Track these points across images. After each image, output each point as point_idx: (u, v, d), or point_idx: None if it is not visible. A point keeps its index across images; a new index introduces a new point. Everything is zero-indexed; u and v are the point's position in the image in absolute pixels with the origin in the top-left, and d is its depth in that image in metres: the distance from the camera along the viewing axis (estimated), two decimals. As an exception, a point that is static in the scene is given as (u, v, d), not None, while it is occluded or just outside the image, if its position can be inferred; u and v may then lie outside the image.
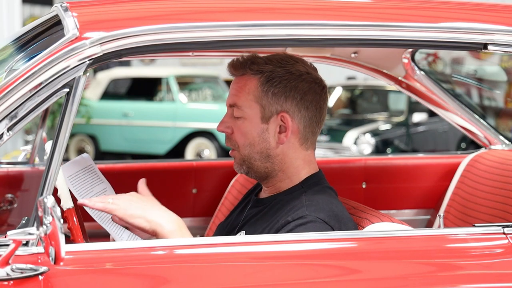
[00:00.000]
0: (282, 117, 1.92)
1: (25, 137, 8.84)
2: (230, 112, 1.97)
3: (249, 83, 1.93)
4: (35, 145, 2.71)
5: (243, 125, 1.94)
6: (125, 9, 1.80)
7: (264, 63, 1.94)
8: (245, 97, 1.93)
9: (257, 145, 1.93)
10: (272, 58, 1.95)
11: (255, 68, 1.93)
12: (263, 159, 1.94)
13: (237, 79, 1.98)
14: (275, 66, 1.93)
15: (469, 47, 1.90)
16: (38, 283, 1.54)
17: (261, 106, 1.92)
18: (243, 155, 1.95)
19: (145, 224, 1.78)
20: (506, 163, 2.50)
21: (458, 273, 1.76)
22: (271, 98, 1.92)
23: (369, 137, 8.70)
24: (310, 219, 1.82)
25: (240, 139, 1.94)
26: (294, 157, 1.95)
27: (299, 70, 1.94)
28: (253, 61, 1.95)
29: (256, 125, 1.93)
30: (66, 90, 1.65)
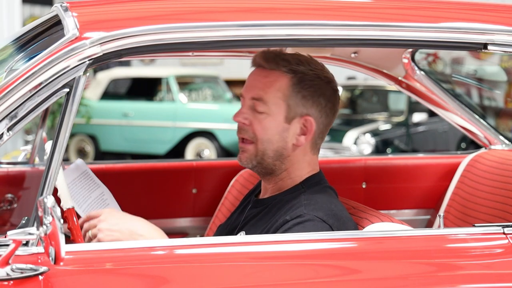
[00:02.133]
0: (305, 120, 1.93)
1: (25, 137, 8.84)
2: (251, 104, 1.94)
3: (280, 80, 1.92)
4: (35, 145, 2.70)
5: (265, 121, 1.92)
6: (125, 9, 1.80)
7: (296, 63, 1.93)
8: (274, 94, 1.92)
9: (274, 143, 1.93)
10: (302, 60, 1.95)
11: (288, 67, 1.92)
12: (275, 157, 1.94)
13: (264, 73, 1.95)
14: (307, 68, 1.93)
15: (469, 47, 1.90)
16: (38, 283, 1.54)
17: (288, 105, 1.92)
18: (258, 149, 1.94)
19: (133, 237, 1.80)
20: (506, 163, 2.50)
21: (458, 273, 1.76)
22: (300, 99, 1.92)
23: (369, 137, 8.70)
24: (308, 218, 1.82)
25: (259, 132, 1.93)
26: (302, 159, 1.96)
27: (327, 76, 1.96)
28: (284, 58, 1.94)
29: (278, 123, 1.92)
30: (66, 90, 1.65)
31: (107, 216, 1.81)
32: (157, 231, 1.81)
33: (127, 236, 1.78)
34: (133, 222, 1.81)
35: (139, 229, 1.79)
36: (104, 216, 1.81)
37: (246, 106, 1.95)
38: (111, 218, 1.81)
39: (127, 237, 1.78)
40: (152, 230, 1.80)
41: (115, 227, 1.79)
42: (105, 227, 1.79)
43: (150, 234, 1.79)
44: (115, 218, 1.81)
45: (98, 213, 1.84)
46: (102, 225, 1.80)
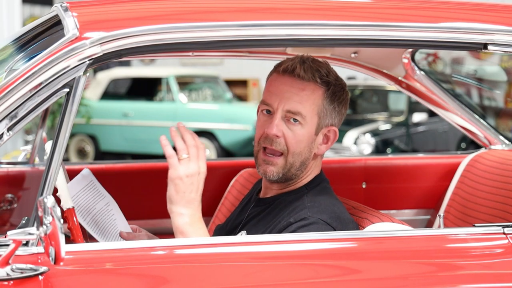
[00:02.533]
0: (329, 130, 1.94)
1: (25, 137, 8.83)
2: (283, 115, 1.91)
3: (316, 93, 1.91)
4: (35, 145, 2.70)
5: (300, 133, 1.91)
6: (125, 9, 1.80)
7: (326, 74, 1.92)
8: (311, 107, 1.91)
9: (303, 154, 1.92)
10: (326, 69, 1.94)
11: (322, 79, 1.91)
12: (300, 167, 1.93)
13: (301, 85, 1.91)
14: (333, 79, 1.94)
15: (469, 47, 1.90)
16: (38, 283, 1.54)
17: (319, 118, 1.92)
18: (288, 162, 1.92)
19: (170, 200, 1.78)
20: (506, 163, 2.50)
21: (458, 273, 1.76)
22: (330, 112, 1.93)
23: (369, 137, 8.70)
24: (313, 221, 1.83)
25: (292, 145, 1.91)
26: (314, 165, 1.97)
27: (343, 84, 1.96)
28: (318, 69, 1.92)
29: (309, 136, 1.92)
30: (66, 90, 1.65)
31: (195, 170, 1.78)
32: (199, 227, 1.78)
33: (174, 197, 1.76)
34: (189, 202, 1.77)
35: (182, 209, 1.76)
36: (193, 166, 1.78)
37: (278, 117, 1.91)
38: (194, 176, 1.77)
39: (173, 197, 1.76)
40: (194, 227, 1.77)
41: (180, 183, 1.77)
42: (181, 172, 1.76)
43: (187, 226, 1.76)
44: (192, 180, 1.77)
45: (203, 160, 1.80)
46: (181, 169, 1.77)
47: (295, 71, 1.91)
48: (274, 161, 1.92)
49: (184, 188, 1.77)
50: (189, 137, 1.80)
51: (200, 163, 1.79)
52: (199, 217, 1.79)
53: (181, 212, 1.77)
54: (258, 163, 1.95)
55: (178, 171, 1.77)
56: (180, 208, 1.77)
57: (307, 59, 1.94)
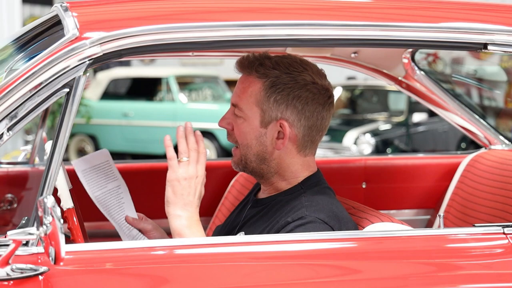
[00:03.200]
0: (281, 124, 1.91)
1: (25, 137, 8.84)
2: (232, 109, 1.97)
3: (253, 85, 1.92)
4: (35, 145, 2.70)
5: (242, 126, 1.94)
6: (125, 9, 1.80)
7: (272, 67, 1.91)
8: (247, 99, 1.93)
9: (254, 147, 1.94)
10: (280, 63, 1.92)
11: (261, 71, 1.91)
12: (258, 161, 1.95)
13: (242, 78, 1.97)
14: (282, 72, 1.91)
15: (469, 47, 1.90)
16: (38, 283, 1.54)
17: (262, 110, 1.91)
18: (241, 154, 1.97)
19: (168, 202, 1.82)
20: (506, 163, 2.50)
21: (458, 273, 1.76)
22: (272, 104, 1.91)
23: (369, 137, 8.70)
24: (310, 220, 1.82)
25: (239, 137, 1.96)
26: (291, 162, 1.95)
27: (305, 79, 1.92)
28: (261, 62, 1.93)
29: (254, 128, 1.93)
30: (66, 90, 1.65)
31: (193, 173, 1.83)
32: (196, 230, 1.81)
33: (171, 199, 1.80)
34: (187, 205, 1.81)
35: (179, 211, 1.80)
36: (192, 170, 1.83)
37: (229, 111, 1.98)
38: (192, 180, 1.83)
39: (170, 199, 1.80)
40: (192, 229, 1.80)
41: (178, 185, 1.81)
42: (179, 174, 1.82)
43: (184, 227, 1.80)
44: (190, 183, 1.82)
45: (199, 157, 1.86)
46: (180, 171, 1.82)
47: (237, 69, 1.97)
48: (234, 152, 2.00)
49: (182, 191, 1.81)
50: (192, 140, 1.85)
51: (199, 167, 1.85)
52: (196, 220, 1.82)
53: (178, 214, 1.80)
54: None
55: (176, 173, 1.82)
56: (177, 210, 1.80)
57: (255, 55, 1.95)
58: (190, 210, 1.81)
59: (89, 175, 1.95)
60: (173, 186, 1.81)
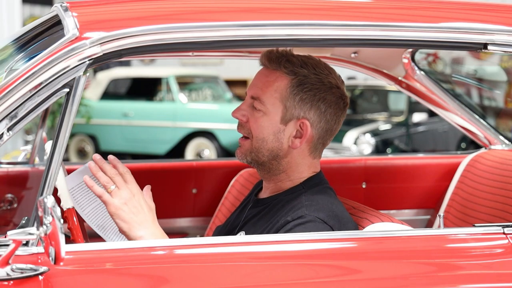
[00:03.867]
0: (302, 123, 1.92)
1: (25, 137, 8.84)
2: (250, 102, 1.95)
3: (279, 81, 1.92)
4: (35, 145, 2.70)
5: (261, 119, 1.93)
6: (125, 9, 1.80)
7: (300, 66, 1.92)
8: (271, 94, 1.92)
9: (269, 143, 1.93)
10: (307, 62, 1.94)
11: (290, 68, 1.92)
12: (270, 157, 1.94)
13: (266, 72, 1.95)
14: (310, 71, 1.92)
15: (469, 47, 1.90)
16: (38, 283, 1.54)
17: (285, 107, 1.92)
18: (253, 146, 1.94)
19: (125, 231, 1.78)
20: (506, 163, 2.50)
21: (458, 273, 1.76)
22: (297, 102, 1.91)
23: (369, 137, 8.70)
24: (310, 219, 1.82)
25: (254, 130, 1.93)
26: (300, 163, 1.96)
27: (331, 82, 1.94)
28: (288, 59, 1.93)
29: (274, 124, 1.92)
30: (66, 90, 1.65)
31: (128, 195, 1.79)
32: None
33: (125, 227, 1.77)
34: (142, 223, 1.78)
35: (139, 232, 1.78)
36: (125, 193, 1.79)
37: (246, 103, 1.96)
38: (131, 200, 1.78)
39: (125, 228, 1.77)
40: None
41: (122, 212, 1.77)
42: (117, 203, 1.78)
43: None
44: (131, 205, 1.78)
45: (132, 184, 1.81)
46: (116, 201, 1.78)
47: (262, 61, 1.96)
48: (242, 143, 1.97)
49: (129, 215, 1.78)
50: (108, 167, 1.82)
51: (130, 186, 1.81)
52: (159, 232, 1.80)
53: (140, 235, 1.78)
54: None
55: (114, 205, 1.78)
56: (137, 233, 1.78)
57: (282, 50, 1.95)
58: (147, 226, 1.79)
59: (77, 193, 1.93)
60: (119, 215, 1.77)
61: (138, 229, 1.78)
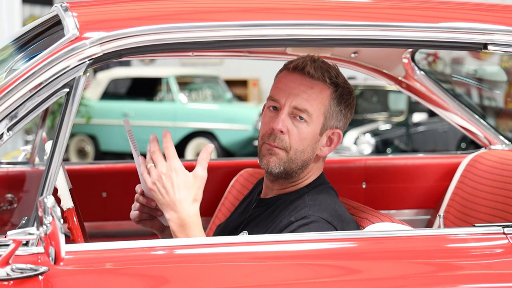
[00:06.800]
0: (333, 133, 1.94)
1: (25, 137, 8.84)
2: (290, 111, 1.90)
3: (324, 92, 1.92)
4: (35, 145, 2.70)
5: (306, 132, 1.90)
6: (125, 9, 1.80)
7: (335, 76, 1.93)
8: (318, 107, 1.91)
9: (306, 153, 1.92)
10: (336, 70, 1.95)
11: (332, 79, 1.92)
12: (301, 166, 1.93)
13: (309, 83, 1.91)
14: (341, 81, 1.94)
15: (469, 47, 1.90)
16: (38, 283, 1.54)
17: (325, 118, 1.92)
18: (289, 157, 1.91)
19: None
20: (506, 163, 2.50)
21: (458, 273, 1.76)
22: (336, 114, 1.93)
23: (369, 137, 8.70)
24: (313, 219, 1.83)
25: (295, 142, 1.90)
26: (316, 167, 1.97)
27: (350, 88, 1.97)
28: (327, 69, 1.93)
29: (315, 135, 1.92)
30: (66, 90, 1.65)
31: (168, 175, 1.75)
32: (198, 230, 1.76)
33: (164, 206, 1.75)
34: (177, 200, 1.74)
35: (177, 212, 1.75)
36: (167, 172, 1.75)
37: (285, 113, 1.90)
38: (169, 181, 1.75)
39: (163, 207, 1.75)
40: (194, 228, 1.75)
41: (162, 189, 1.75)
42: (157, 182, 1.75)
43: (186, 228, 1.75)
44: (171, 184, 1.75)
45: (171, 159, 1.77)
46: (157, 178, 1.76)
47: (305, 69, 1.91)
48: (277, 151, 1.90)
49: (159, 195, 1.76)
50: (151, 145, 1.82)
51: (169, 162, 1.76)
52: (185, 217, 1.75)
53: (168, 218, 1.76)
54: (262, 154, 1.93)
55: (147, 182, 1.77)
56: (166, 215, 1.76)
57: (317, 59, 1.95)
58: (175, 210, 1.74)
59: (132, 137, 1.94)
60: (153, 195, 1.77)
61: (167, 212, 1.75)
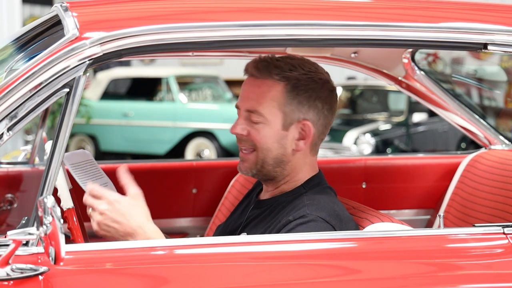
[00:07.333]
0: (304, 125, 1.92)
1: (25, 137, 8.84)
2: (247, 115, 1.93)
3: (273, 89, 1.91)
4: (35, 145, 2.70)
5: (263, 130, 1.91)
6: (125, 9, 1.80)
7: (288, 69, 1.91)
8: (268, 104, 1.91)
9: (274, 151, 1.92)
10: (294, 64, 1.93)
11: (281, 74, 1.91)
12: (275, 164, 1.93)
13: (257, 83, 1.93)
14: (300, 73, 1.92)
15: (469, 47, 1.90)
16: (38, 283, 1.54)
17: (284, 113, 1.91)
18: (258, 157, 1.93)
19: None
20: (506, 163, 2.50)
21: (458, 273, 1.76)
22: (295, 106, 1.91)
23: (369, 137, 8.70)
24: (311, 218, 1.83)
25: (258, 141, 1.92)
26: (303, 163, 1.96)
27: (321, 78, 1.94)
28: (276, 65, 1.92)
29: (276, 132, 1.92)
30: (66, 90, 1.65)
31: (113, 208, 1.73)
32: None
33: (121, 238, 1.73)
34: (135, 226, 1.73)
35: (137, 236, 1.74)
36: (110, 207, 1.73)
37: (242, 117, 1.95)
38: (116, 213, 1.73)
39: (121, 238, 1.73)
40: None
41: (114, 224, 1.73)
42: (104, 221, 1.73)
43: None
44: (120, 214, 1.73)
45: (105, 195, 1.75)
46: (102, 218, 1.73)
47: (249, 71, 1.95)
48: (246, 157, 1.94)
49: (114, 234, 1.74)
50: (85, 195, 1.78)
51: (98, 205, 1.75)
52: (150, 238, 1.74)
53: None
54: (239, 160, 1.98)
55: (95, 228, 1.75)
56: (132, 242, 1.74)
57: (265, 58, 1.94)
58: (137, 236, 1.73)
59: (77, 169, 1.94)
60: (108, 235, 1.74)
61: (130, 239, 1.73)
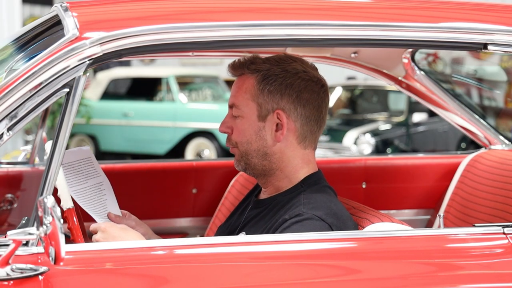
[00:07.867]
0: (277, 114, 1.93)
1: (25, 137, 8.84)
2: (230, 112, 1.99)
3: (247, 82, 1.96)
4: (35, 145, 2.71)
5: (241, 123, 1.96)
6: (125, 9, 1.80)
7: (262, 63, 1.96)
8: (242, 96, 1.96)
9: (254, 143, 1.95)
10: (270, 58, 1.98)
11: (253, 68, 1.96)
12: (260, 157, 1.95)
13: (236, 80, 2.01)
14: (272, 65, 1.95)
15: (469, 47, 1.90)
16: (38, 283, 1.54)
17: (258, 104, 1.94)
18: (241, 151, 1.98)
19: None
20: (506, 163, 2.50)
21: (458, 273, 1.76)
22: (267, 96, 1.93)
23: (369, 137, 8.69)
24: (307, 216, 1.83)
25: (238, 137, 1.97)
26: (292, 155, 1.96)
27: (295, 68, 1.95)
28: (252, 61, 1.98)
29: (253, 123, 1.94)
30: (66, 90, 1.65)
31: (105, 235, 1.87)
32: None
33: None
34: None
35: None
36: (103, 235, 1.87)
37: (228, 115, 2.01)
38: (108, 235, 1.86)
39: None
40: None
41: None
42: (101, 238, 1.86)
43: None
44: (112, 237, 1.86)
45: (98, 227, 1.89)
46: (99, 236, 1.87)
47: (231, 72, 2.03)
48: (233, 152, 2.02)
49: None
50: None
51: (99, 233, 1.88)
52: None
53: None
54: None
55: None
56: None
57: (244, 57, 2.00)
58: None
59: (68, 170, 1.95)
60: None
61: None
